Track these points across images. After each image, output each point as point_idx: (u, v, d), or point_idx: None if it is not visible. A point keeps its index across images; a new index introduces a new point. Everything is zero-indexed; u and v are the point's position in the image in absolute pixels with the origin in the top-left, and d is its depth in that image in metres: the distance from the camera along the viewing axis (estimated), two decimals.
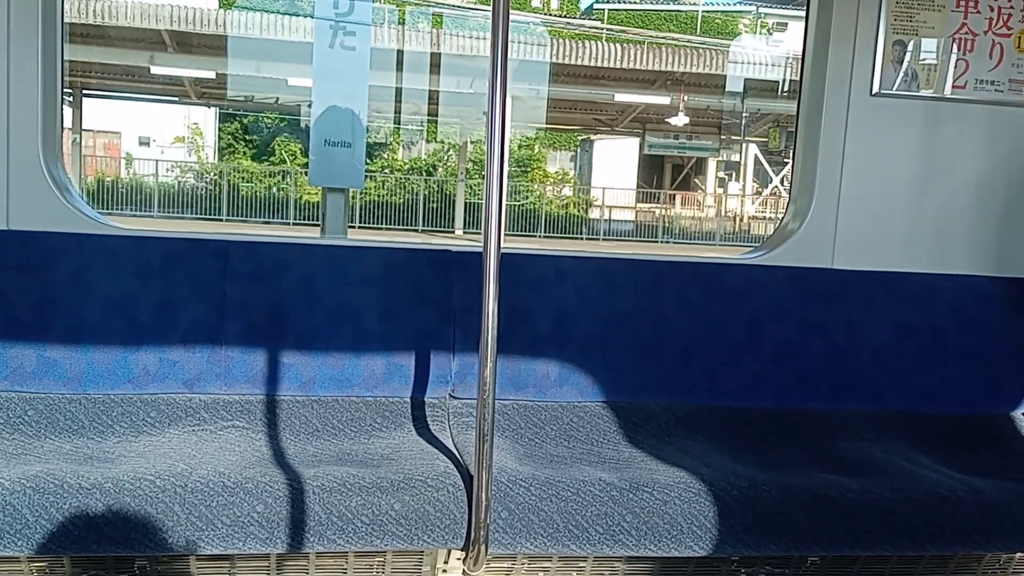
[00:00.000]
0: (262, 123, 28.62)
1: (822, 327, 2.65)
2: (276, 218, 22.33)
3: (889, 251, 2.79)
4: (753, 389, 2.61)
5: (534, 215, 24.27)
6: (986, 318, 2.72)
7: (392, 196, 24.21)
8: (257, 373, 2.42)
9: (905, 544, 2.07)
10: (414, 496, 1.94)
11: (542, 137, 29.69)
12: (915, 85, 2.78)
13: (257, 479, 1.93)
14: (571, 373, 2.52)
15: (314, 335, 2.45)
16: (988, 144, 2.80)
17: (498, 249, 1.87)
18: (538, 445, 2.42)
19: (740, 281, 2.67)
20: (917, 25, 2.75)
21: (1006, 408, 2.69)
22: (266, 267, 2.50)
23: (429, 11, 24.28)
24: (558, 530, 1.96)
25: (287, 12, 20.06)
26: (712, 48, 23.22)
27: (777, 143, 25.59)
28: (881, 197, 2.79)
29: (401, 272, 2.55)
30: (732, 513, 2.00)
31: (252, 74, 19.80)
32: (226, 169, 25.00)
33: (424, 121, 25.93)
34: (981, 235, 2.82)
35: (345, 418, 2.44)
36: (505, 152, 1.90)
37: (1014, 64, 2.78)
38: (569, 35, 24.48)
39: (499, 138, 1.87)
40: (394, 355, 2.47)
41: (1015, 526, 2.08)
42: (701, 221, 26.80)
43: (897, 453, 2.45)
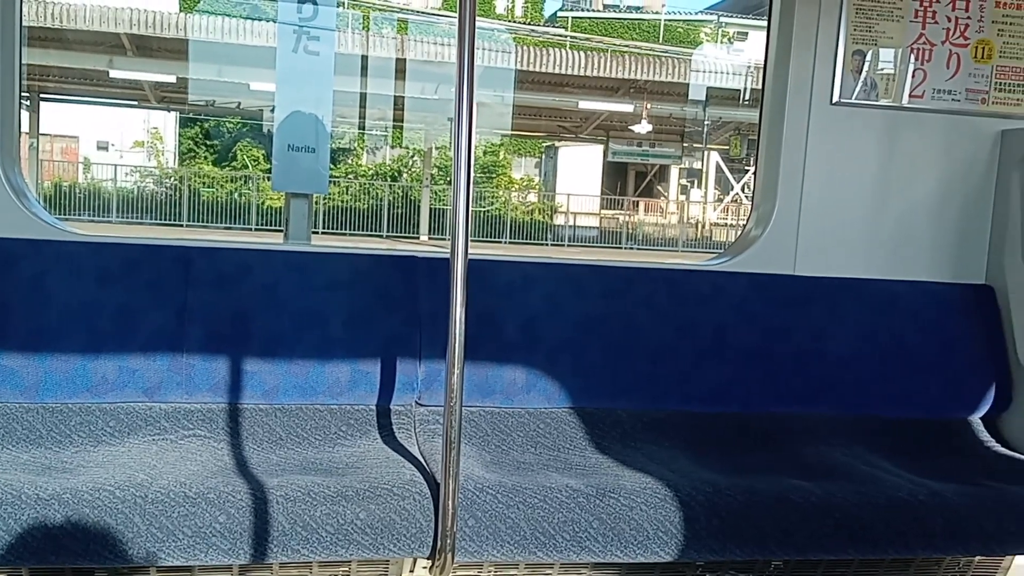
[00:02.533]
0: (224, 128, 28.35)
1: (786, 333, 2.68)
2: (238, 224, 22.12)
3: (850, 257, 2.82)
4: (719, 394, 2.62)
5: (499, 221, 24.29)
6: (945, 324, 2.77)
7: (356, 202, 24.08)
8: (219, 381, 2.39)
9: (867, 548, 2.09)
10: (380, 505, 1.92)
11: (507, 143, 29.74)
12: (874, 94, 2.82)
13: (219, 489, 1.90)
14: (538, 379, 2.52)
15: (278, 342, 2.42)
16: (945, 152, 2.85)
17: (465, 255, 1.86)
18: (505, 452, 2.42)
19: (706, 287, 2.69)
20: (876, 35, 2.79)
21: (964, 413, 2.74)
22: (229, 273, 2.46)
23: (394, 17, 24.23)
24: (525, 537, 1.95)
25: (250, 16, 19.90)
26: (675, 57, 23.45)
27: (738, 151, 25.90)
28: (842, 204, 2.83)
29: (367, 278, 2.53)
30: (698, 518, 2.01)
31: (214, 78, 19.62)
32: (187, 174, 24.71)
33: (389, 127, 25.86)
34: (939, 242, 2.87)
35: (309, 426, 2.41)
36: (472, 158, 1.89)
37: (971, 74, 2.83)
38: (534, 42, 24.58)
39: (466, 144, 1.86)
40: (360, 362, 2.45)
41: (974, 530, 2.11)
42: (664, 228, 27.01)
43: (859, 457, 2.48)
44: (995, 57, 2.83)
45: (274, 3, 21.01)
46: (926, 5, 2.79)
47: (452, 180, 1.88)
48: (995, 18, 2.81)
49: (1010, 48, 2.83)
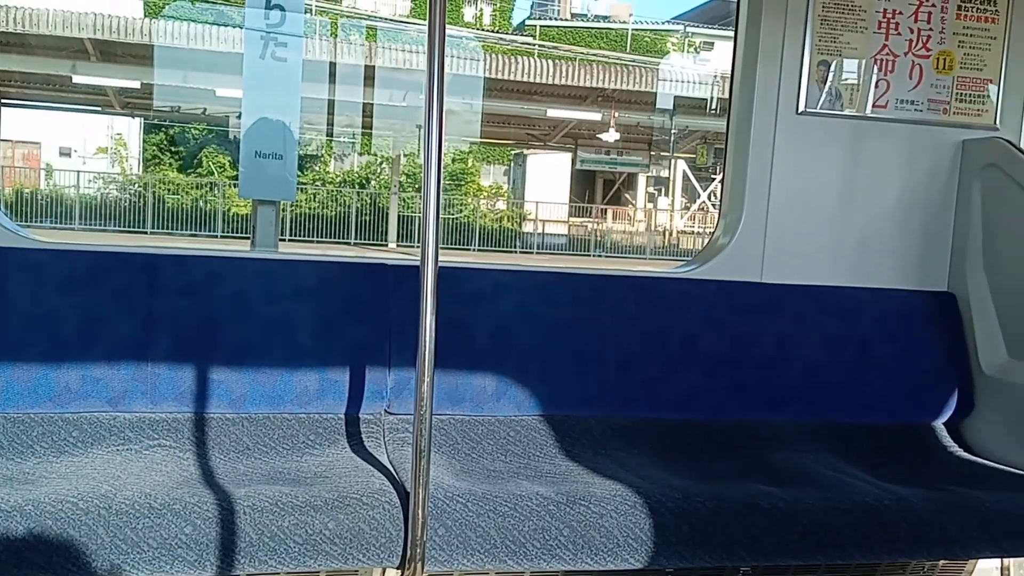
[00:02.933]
0: (189, 134, 28.09)
1: (753, 340, 2.70)
2: (204, 231, 21.91)
3: (816, 265, 2.86)
4: (688, 401, 2.64)
5: (468, 229, 24.29)
6: (909, 330, 2.81)
7: (324, 209, 23.96)
8: (185, 390, 2.36)
9: (834, 553, 2.11)
10: (348, 514, 1.91)
11: (476, 151, 29.77)
12: (839, 104, 2.85)
13: (185, 500, 1.87)
14: (508, 387, 2.52)
15: (245, 351, 2.40)
16: (908, 161, 2.89)
17: (435, 262, 1.86)
18: (475, 460, 2.41)
19: (674, 295, 2.71)
20: (840, 46, 2.83)
21: (928, 418, 2.78)
22: (195, 281, 2.44)
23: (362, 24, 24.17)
24: (495, 546, 1.95)
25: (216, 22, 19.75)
26: (642, 66, 23.64)
27: (705, 159, 26.16)
28: (808, 213, 2.86)
29: (335, 286, 2.51)
30: (667, 525, 2.02)
31: (179, 84, 19.44)
32: (151, 180, 24.44)
33: (356, 134, 25.78)
34: (903, 249, 2.91)
35: (277, 436, 2.39)
36: (441, 166, 1.89)
37: (932, 85, 2.88)
38: (502, 50, 24.64)
39: (435, 151, 1.86)
40: (328, 371, 2.43)
41: (938, 534, 2.14)
42: (632, 235, 27.17)
43: (826, 463, 2.50)
44: (956, 68, 2.88)
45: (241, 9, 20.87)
46: (889, 16, 2.83)
47: (422, 187, 1.87)
48: (956, 30, 2.87)
49: (970, 59, 2.88)
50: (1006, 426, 2.65)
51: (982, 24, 2.87)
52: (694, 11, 33.78)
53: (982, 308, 2.77)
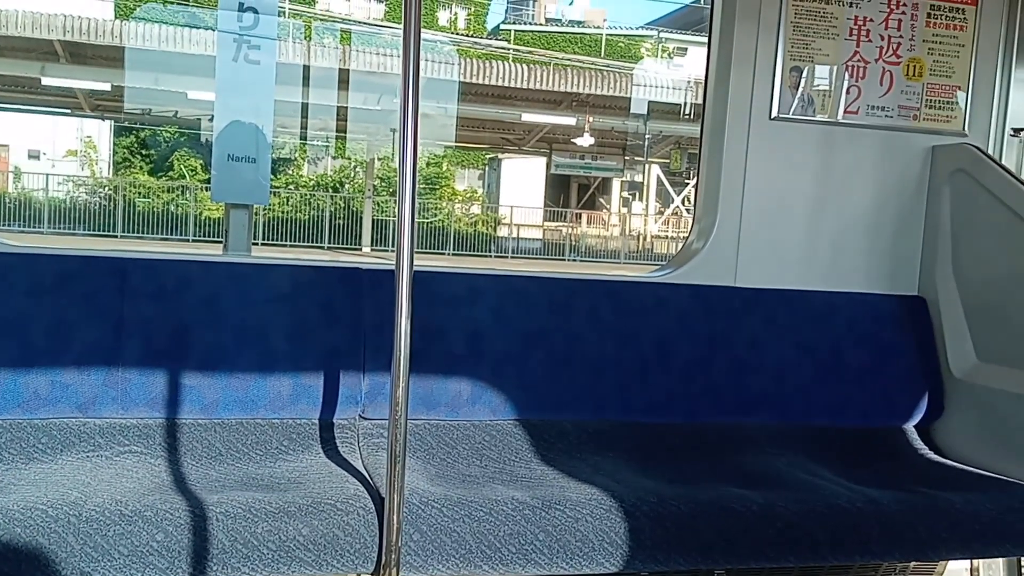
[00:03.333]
0: (160, 137, 27.85)
1: (727, 343, 2.72)
2: (175, 235, 21.73)
3: (789, 269, 2.88)
4: (663, 405, 2.65)
5: (443, 233, 24.26)
6: (880, 334, 2.84)
7: (297, 212, 23.83)
8: (156, 396, 2.33)
9: (807, 555, 2.13)
10: (323, 521, 1.90)
11: (451, 155, 29.75)
12: (811, 110, 2.88)
13: (156, 506, 1.85)
14: (484, 391, 2.51)
15: (218, 356, 2.38)
16: (879, 167, 2.93)
17: (410, 267, 1.85)
18: (450, 465, 2.40)
19: (649, 299, 2.72)
20: (813, 52, 2.86)
21: (899, 421, 2.81)
22: (167, 285, 2.41)
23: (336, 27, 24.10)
24: (470, 551, 1.94)
25: (188, 24, 19.61)
26: (616, 71, 23.74)
27: (678, 164, 26.32)
28: (781, 217, 2.88)
29: (309, 290, 2.50)
30: (642, 529, 2.02)
31: (150, 87, 19.27)
32: (122, 184, 24.20)
33: (330, 137, 25.69)
34: (874, 254, 2.94)
35: (250, 441, 2.37)
36: (416, 170, 1.89)
37: (903, 91, 2.92)
38: (477, 55, 24.67)
39: (411, 156, 1.85)
40: (302, 375, 2.41)
41: (910, 535, 2.16)
42: (606, 240, 27.28)
43: (799, 466, 2.52)
44: (926, 75, 2.92)
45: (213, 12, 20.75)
46: (860, 24, 2.87)
47: (397, 191, 1.86)
48: (926, 37, 2.91)
49: (940, 66, 2.92)
50: (975, 429, 2.69)
51: (951, 32, 2.92)
52: (668, 17, 34.01)
53: (951, 312, 2.81)
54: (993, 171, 2.68)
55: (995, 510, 2.23)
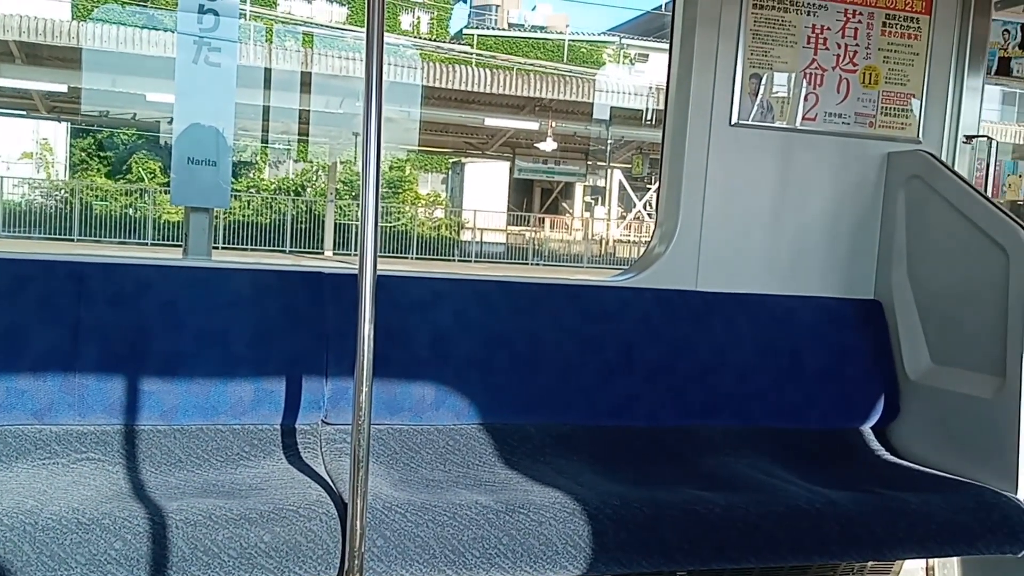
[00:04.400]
0: (118, 139, 27.43)
1: (689, 347, 2.74)
2: (133, 238, 21.43)
3: (749, 274, 2.91)
4: (626, 408, 2.66)
5: (406, 237, 24.18)
6: (837, 338, 2.88)
7: (259, 216, 23.61)
8: (115, 402, 2.30)
9: (767, 556, 2.15)
10: (285, 527, 1.88)
11: (414, 159, 29.67)
12: (770, 116, 2.92)
13: (115, 514, 1.83)
14: (448, 396, 2.51)
15: (178, 361, 2.35)
16: (836, 173, 2.97)
17: (374, 270, 1.85)
18: (414, 470, 2.40)
19: (612, 303, 2.73)
20: (772, 60, 2.90)
21: (856, 423, 2.85)
22: (125, 290, 2.38)
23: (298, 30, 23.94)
24: (434, 555, 1.94)
25: (146, 26, 19.36)
26: (579, 76, 23.85)
27: (640, 169, 26.48)
28: (741, 222, 2.91)
29: (271, 294, 2.48)
30: (606, 531, 2.03)
31: (108, 88, 18.98)
32: (78, 187, 23.81)
33: (291, 140, 25.49)
34: (831, 258, 2.99)
35: (211, 447, 2.34)
36: (380, 173, 1.88)
37: (859, 99, 2.97)
38: (440, 59, 24.64)
39: (374, 159, 1.85)
40: (264, 380, 2.39)
41: (867, 535, 2.20)
42: (569, 244, 27.36)
43: (760, 468, 2.55)
44: (881, 83, 2.98)
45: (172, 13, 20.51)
46: (818, 32, 2.91)
47: (360, 195, 1.86)
48: (881, 46, 2.96)
49: (895, 74, 2.98)
50: (930, 430, 2.74)
51: (905, 40, 2.98)
52: (629, 23, 34.25)
53: (907, 315, 2.86)
54: (946, 177, 2.73)
55: (949, 510, 2.27)
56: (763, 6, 2.86)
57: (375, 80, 1.84)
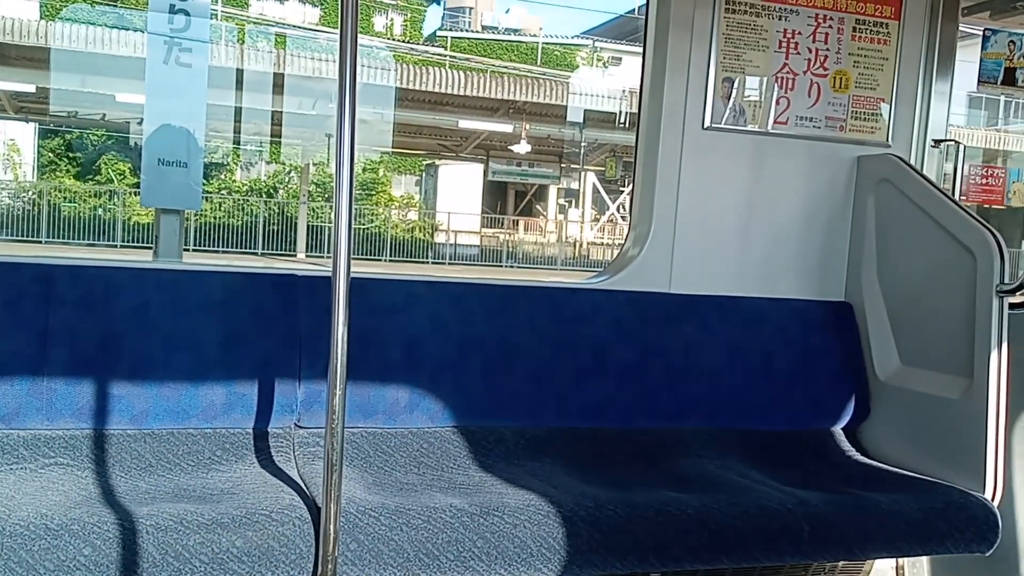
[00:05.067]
0: (87, 140, 27.11)
1: (662, 349, 2.75)
2: (102, 240, 21.18)
3: (722, 276, 2.93)
4: (600, 410, 2.67)
5: (379, 239, 24.10)
6: (809, 339, 2.90)
7: (230, 218, 23.42)
8: (84, 406, 2.27)
9: (740, 556, 2.17)
10: (257, 531, 1.87)
11: (387, 161, 29.58)
12: (743, 120, 2.94)
13: (84, 520, 1.80)
14: (422, 399, 2.51)
15: (148, 364, 2.32)
16: (807, 176, 3.00)
17: (347, 273, 1.84)
18: (387, 473, 2.39)
19: (586, 305, 2.74)
20: (744, 64, 2.92)
21: (828, 424, 2.88)
22: (95, 293, 2.35)
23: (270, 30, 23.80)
24: (408, 559, 1.93)
25: (116, 26, 19.16)
26: (553, 79, 23.91)
27: (613, 172, 26.59)
28: (714, 225, 2.93)
29: (243, 297, 2.46)
30: (579, 533, 2.03)
31: (77, 89, 18.76)
32: (46, 188, 23.50)
33: (263, 142, 25.32)
34: (802, 261, 3.01)
35: (181, 452, 2.32)
36: (353, 175, 1.87)
37: (830, 103, 3.00)
38: (413, 60, 24.59)
39: (347, 161, 1.84)
40: (236, 384, 2.37)
41: (838, 535, 2.22)
42: (543, 246, 27.41)
43: (732, 468, 2.57)
44: (851, 87, 3.01)
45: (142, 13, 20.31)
46: (789, 36, 2.94)
47: (334, 197, 1.85)
48: (851, 50, 2.99)
49: (864, 79, 3.01)
50: (899, 430, 2.77)
51: (875, 45, 3.01)
52: (602, 27, 34.40)
53: (876, 317, 2.89)
54: (915, 180, 2.77)
55: (919, 510, 2.30)
56: (735, 10, 2.88)
57: (349, 82, 1.83)
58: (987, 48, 3.25)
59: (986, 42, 3.25)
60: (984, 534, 2.32)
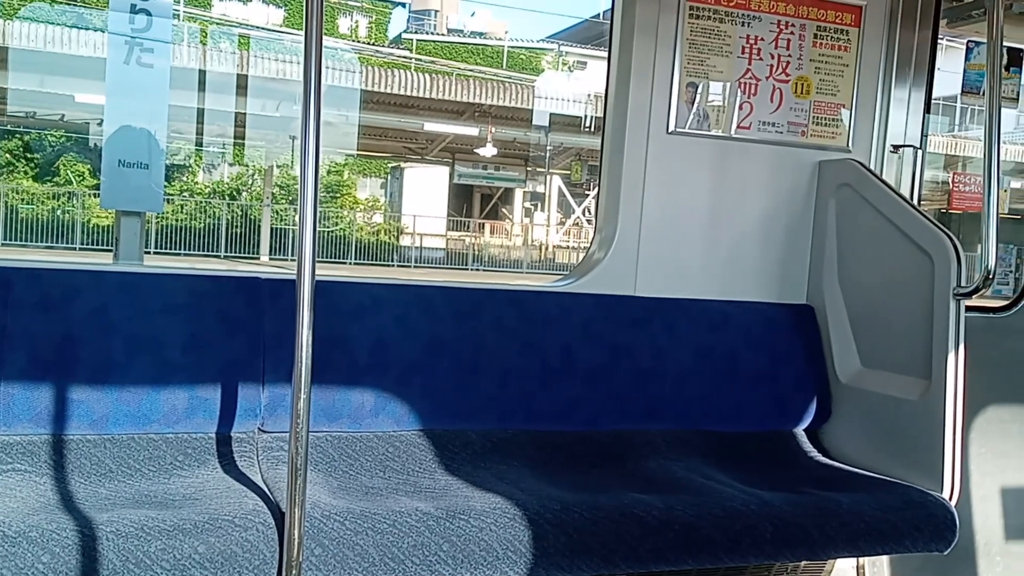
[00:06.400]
0: (46, 141, 26.67)
1: (628, 352, 2.77)
2: (61, 242, 20.84)
3: (686, 279, 2.95)
4: (567, 413, 2.68)
5: (344, 242, 23.96)
6: (772, 342, 2.94)
7: (192, 221, 23.16)
8: (42, 411, 2.23)
9: (705, 557, 2.19)
10: (220, 537, 1.84)
11: (352, 163, 29.43)
12: (706, 124, 2.97)
13: (42, 527, 1.77)
14: (388, 402, 2.49)
15: (108, 369, 2.29)
16: (770, 181, 3.03)
17: (312, 275, 1.82)
18: (353, 477, 2.37)
19: (553, 308, 2.75)
20: (707, 69, 2.95)
21: (790, 425, 2.91)
22: (53, 296, 2.31)
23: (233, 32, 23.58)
24: (374, 564, 1.92)
25: (76, 25, 18.88)
26: (518, 82, 23.96)
27: (579, 176, 26.69)
28: (678, 229, 2.95)
29: (206, 300, 2.43)
30: (546, 536, 2.04)
31: (35, 89, 18.45)
32: (3, 189, 23.07)
33: (226, 144, 25.09)
34: (766, 264, 3.04)
35: (142, 457, 2.28)
36: (318, 178, 1.86)
37: (792, 108, 3.04)
38: (378, 63, 24.49)
39: (312, 163, 1.83)
40: (198, 388, 2.34)
41: (801, 536, 2.24)
42: (509, 249, 27.44)
43: (697, 470, 2.59)
44: (813, 93, 3.05)
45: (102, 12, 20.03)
46: (752, 43, 2.97)
47: (299, 199, 1.84)
48: (812, 56, 3.03)
49: (825, 85, 3.06)
50: (860, 431, 2.81)
51: (836, 52, 3.05)
52: (568, 31, 34.50)
53: (838, 320, 2.93)
54: (875, 185, 2.81)
55: (879, 509, 2.33)
56: (699, 16, 2.91)
57: (314, 83, 1.82)
58: (970, 59, 3.31)
59: (969, 53, 3.31)
60: (942, 533, 2.36)
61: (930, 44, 3.13)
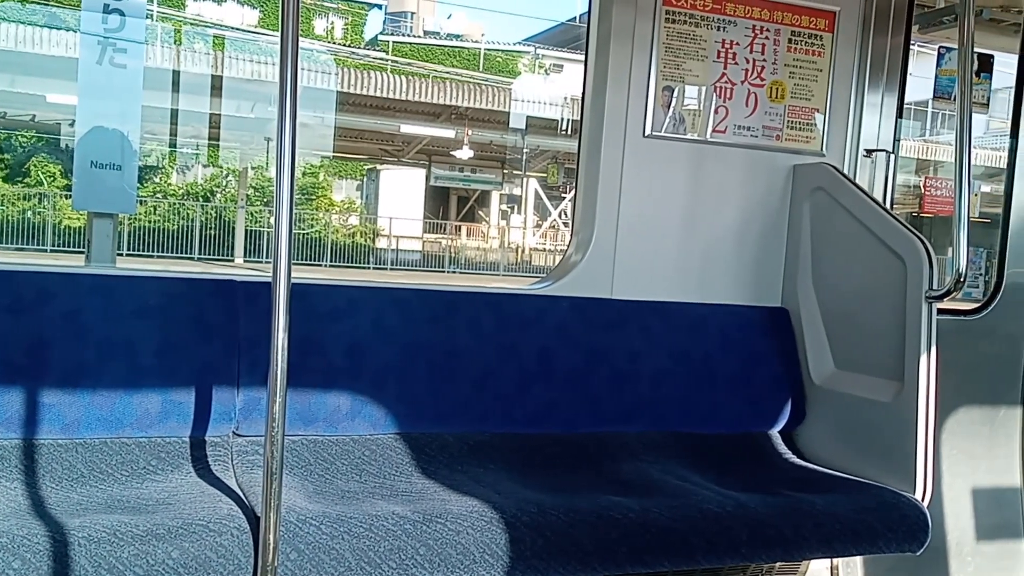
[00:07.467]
0: (16, 141, 26.33)
1: (605, 354, 2.77)
2: (31, 244, 20.59)
3: (662, 282, 2.96)
4: (544, 415, 2.68)
5: (320, 244, 23.85)
6: (747, 344, 2.95)
7: (166, 222, 22.96)
8: (12, 415, 2.20)
9: (681, 559, 2.19)
10: (194, 542, 1.83)
11: (328, 165, 29.30)
12: (682, 128, 2.99)
13: (12, 532, 1.75)
14: (364, 405, 2.48)
15: (80, 372, 2.26)
16: (745, 184, 3.05)
17: (288, 278, 1.81)
18: (328, 481, 2.36)
19: (529, 311, 2.75)
20: (683, 73, 2.96)
21: (765, 427, 2.93)
22: (24, 298, 2.28)
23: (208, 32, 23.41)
24: (350, 568, 1.91)
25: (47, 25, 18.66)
26: (495, 85, 23.98)
27: (555, 178, 26.76)
28: (654, 232, 2.96)
29: (180, 303, 2.41)
30: (522, 539, 2.04)
31: (6, 89, 18.22)
32: None
33: (200, 145, 24.89)
34: (741, 267, 3.06)
35: (115, 461, 2.26)
36: (294, 180, 1.85)
37: (766, 112, 3.06)
38: (355, 64, 24.40)
39: (288, 165, 1.82)
40: (172, 392, 2.32)
41: (776, 537, 2.26)
42: (486, 252, 27.43)
43: (673, 472, 2.60)
44: (787, 97, 3.07)
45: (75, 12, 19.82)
46: (728, 47, 2.99)
47: (274, 201, 1.82)
48: (787, 61, 3.06)
49: (800, 89, 3.08)
50: (834, 433, 2.83)
51: (810, 57, 3.08)
52: (544, 34, 34.53)
53: (812, 322, 2.96)
54: (848, 189, 2.84)
55: (853, 510, 2.36)
56: (675, 20, 2.92)
57: (290, 85, 1.81)
58: (942, 65, 3.35)
59: (940, 59, 3.35)
60: (915, 534, 2.38)
61: (902, 50, 3.17)
